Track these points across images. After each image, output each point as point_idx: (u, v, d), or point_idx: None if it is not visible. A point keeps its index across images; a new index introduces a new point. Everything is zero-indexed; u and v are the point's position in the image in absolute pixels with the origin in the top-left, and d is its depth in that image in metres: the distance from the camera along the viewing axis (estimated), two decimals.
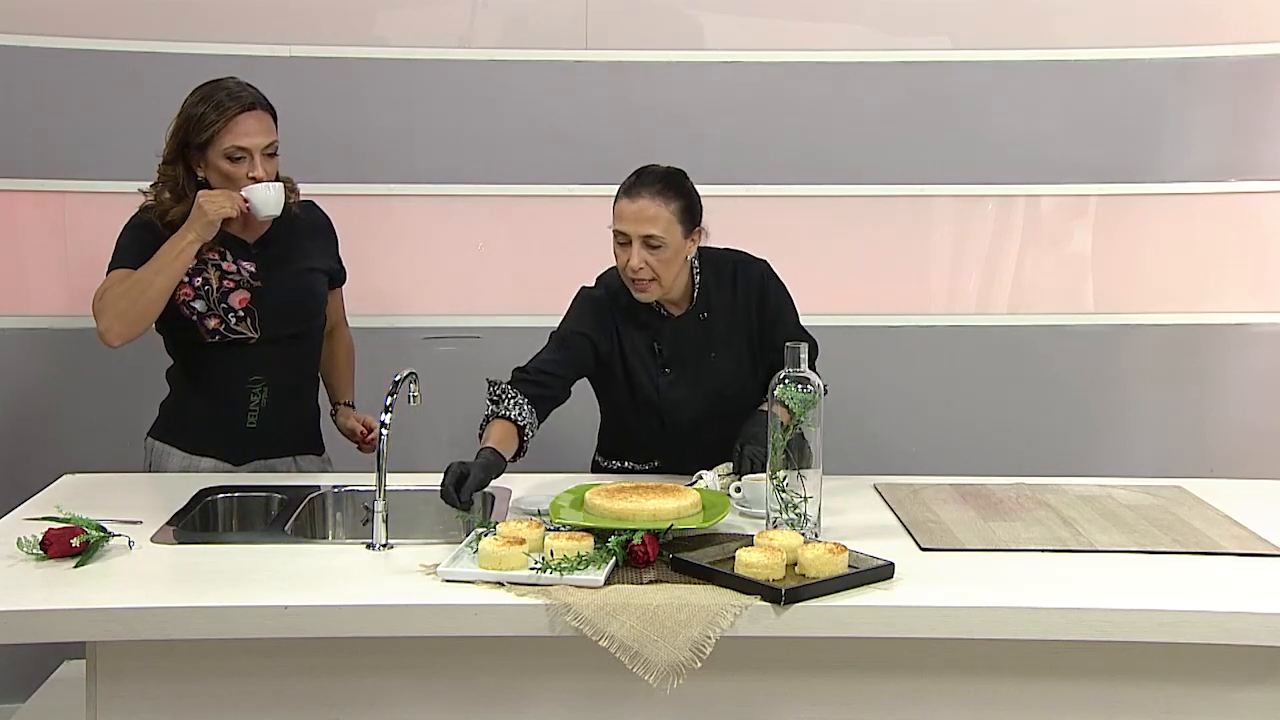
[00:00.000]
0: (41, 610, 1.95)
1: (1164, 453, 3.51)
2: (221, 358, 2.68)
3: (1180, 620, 1.97)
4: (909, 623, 1.98)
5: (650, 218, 2.53)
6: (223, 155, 2.58)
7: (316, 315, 2.79)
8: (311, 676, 2.04)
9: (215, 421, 2.73)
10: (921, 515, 2.43)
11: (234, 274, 2.66)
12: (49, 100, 3.29)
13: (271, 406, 2.72)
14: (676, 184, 2.59)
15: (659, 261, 2.54)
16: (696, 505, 2.26)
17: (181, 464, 2.75)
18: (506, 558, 2.03)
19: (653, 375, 2.68)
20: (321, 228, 2.83)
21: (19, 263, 3.34)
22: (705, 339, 2.67)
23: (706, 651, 1.90)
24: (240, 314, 2.65)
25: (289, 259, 2.72)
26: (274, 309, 2.68)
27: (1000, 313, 3.56)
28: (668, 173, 2.61)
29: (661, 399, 2.68)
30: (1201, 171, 3.50)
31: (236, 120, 2.57)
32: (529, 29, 3.42)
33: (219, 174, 2.61)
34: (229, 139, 2.57)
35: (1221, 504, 2.52)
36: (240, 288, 2.66)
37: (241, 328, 2.66)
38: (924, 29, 3.48)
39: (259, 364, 2.69)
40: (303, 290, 2.74)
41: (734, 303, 2.68)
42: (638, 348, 2.68)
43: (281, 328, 2.69)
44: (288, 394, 2.75)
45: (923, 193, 3.50)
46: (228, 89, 2.60)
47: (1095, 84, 3.49)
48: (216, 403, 2.72)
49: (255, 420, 2.71)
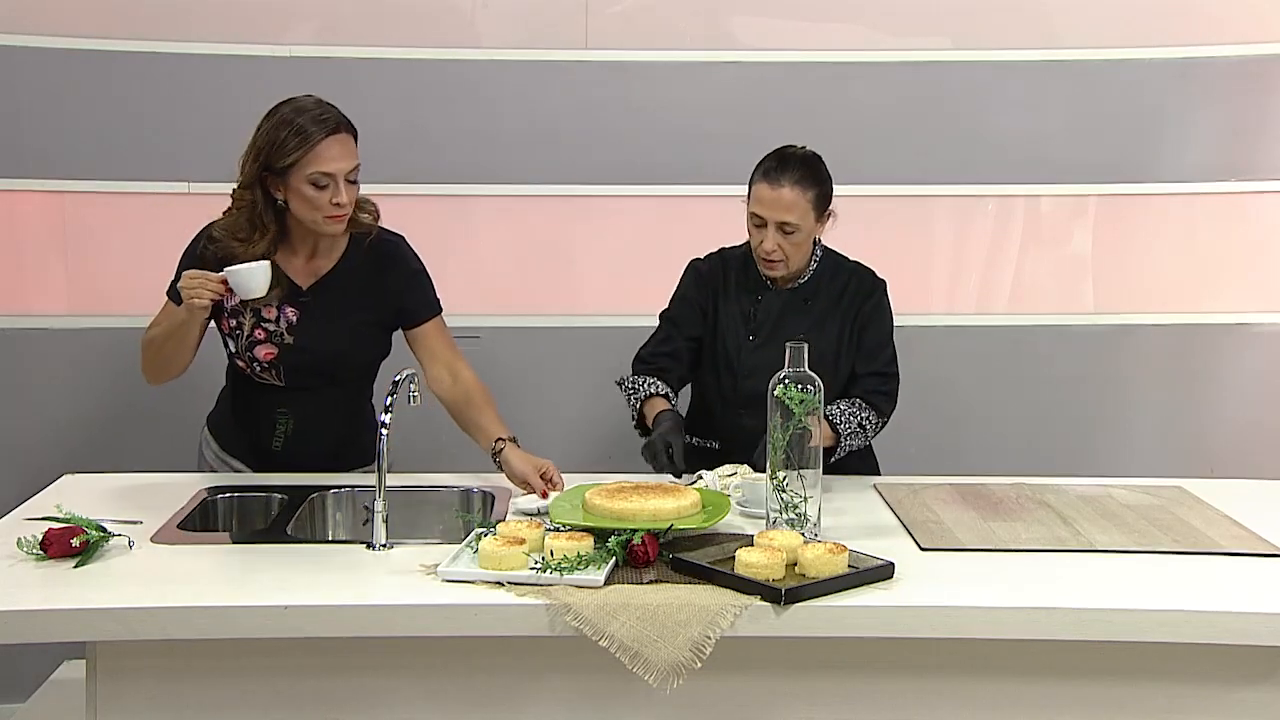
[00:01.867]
0: (41, 610, 1.95)
1: (1164, 452, 3.51)
2: (253, 385, 2.66)
3: (1180, 620, 1.97)
4: (909, 623, 1.98)
5: (789, 205, 2.61)
6: (306, 181, 2.46)
7: (349, 367, 2.68)
8: (311, 676, 2.04)
9: (244, 433, 2.74)
10: (921, 515, 2.43)
11: (271, 322, 2.58)
12: (50, 100, 3.29)
13: (295, 436, 2.70)
14: (815, 171, 2.67)
15: (791, 245, 2.64)
16: (696, 505, 2.26)
17: (213, 456, 2.78)
18: (506, 558, 2.03)
19: (739, 338, 2.75)
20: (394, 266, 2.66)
21: (19, 263, 3.34)
22: (800, 321, 2.73)
23: (706, 651, 1.90)
24: (265, 365, 2.62)
25: (336, 310, 2.61)
26: (299, 366, 2.61)
27: (1000, 312, 3.56)
28: (807, 159, 2.68)
29: (741, 362, 2.74)
30: (1201, 171, 3.50)
31: (322, 145, 2.45)
32: (529, 29, 3.42)
33: (301, 199, 2.49)
34: (313, 165, 2.45)
35: (1221, 504, 2.52)
36: (269, 341, 2.59)
37: (266, 376, 2.63)
38: (924, 29, 3.48)
39: (286, 400, 2.66)
40: (335, 347, 2.63)
41: (839, 299, 2.75)
42: (733, 312, 2.77)
43: (308, 380, 2.64)
44: (315, 426, 2.69)
45: (923, 193, 3.50)
46: (310, 111, 2.49)
47: (1095, 84, 3.49)
48: (248, 419, 2.71)
49: (280, 444, 2.70)
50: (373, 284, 2.64)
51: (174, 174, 2.75)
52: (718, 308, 2.78)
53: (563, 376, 3.50)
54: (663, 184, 3.40)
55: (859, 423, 2.67)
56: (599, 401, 3.47)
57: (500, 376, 3.47)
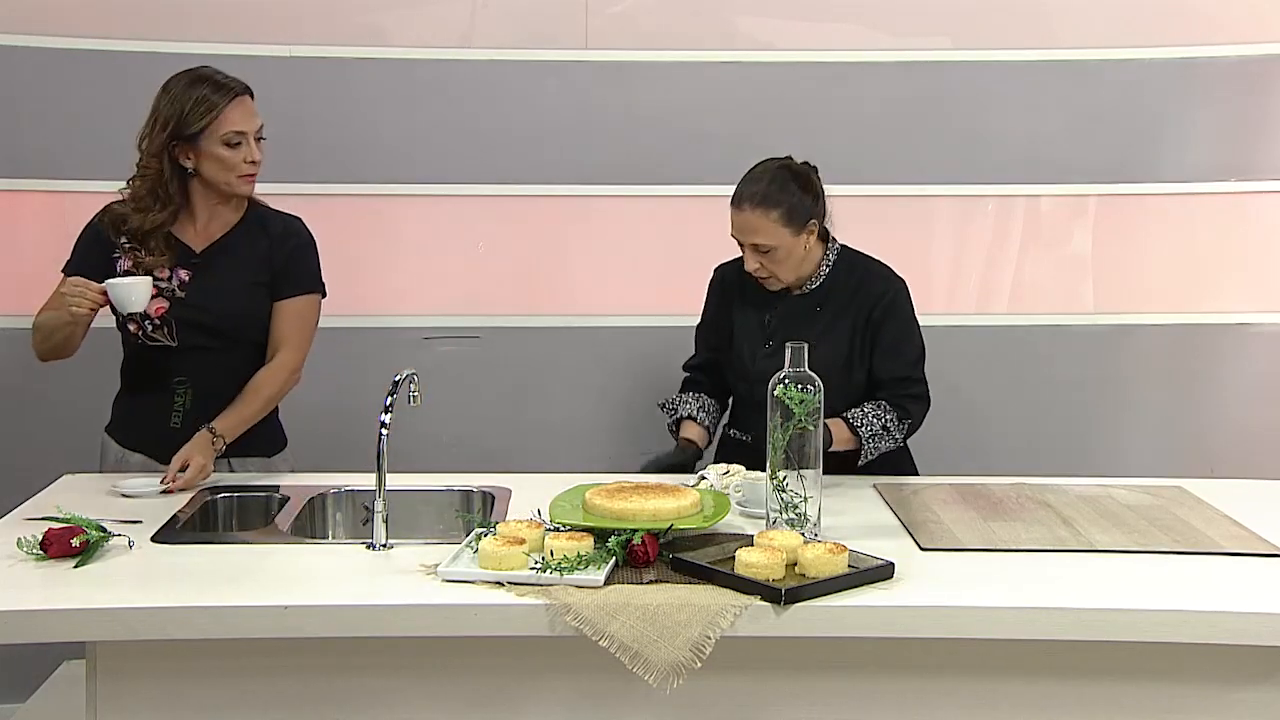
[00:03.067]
0: (41, 610, 1.95)
1: (1164, 452, 3.51)
2: (147, 357, 2.69)
3: (1180, 620, 1.97)
4: (909, 623, 1.98)
5: (754, 228, 2.62)
6: (220, 142, 2.59)
7: (242, 330, 2.71)
8: (311, 676, 2.04)
9: (143, 419, 2.73)
10: (921, 515, 2.43)
11: (163, 281, 2.64)
12: (50, 100, 3.29)
13: (195, 408, 2.69)
14: (779, 187, 2.63)
15: (772, 262, 2.65)
16: (696, 505, 2.25)
17: (115, 458, 2.76)
18: (506, 558, 2.03)
19: (755, 346, 2.76)
20: (281, 241, 2.74)
21: (19, 263, 3.34)
22: (811, 327, 2.71)
23: (706, 651, 1.90)
24: (156, 322, 2.65)
25: (228, 271, 2.68)
26: (191, 322, 2.66)
27: (1000, 312, 3.56)
28: (772, 175, 2.65)
29: (755, 369, 2.73)
30: (1201, 171, 3.50)
31: (231, 106, 2.59)
32: (529, 29, 3.42)
33: (215, 161, 2.61)
34: (226, 125, 2.59)
35: (1221, 504, 2.52)
36: (160, 296, 2.64)
37: (158, 335, 2.66)
38: (924, 29, 3.48)
39: (182, 367, 2.69)
40: (227, 306, 2.68)
41: (849, 305, 2.73)
42: (749, 319, 2.79)
43: (199, 339, 2.67)
44: (214, 397, 2.68)
45: (923, 193, 3.50)
46: (213, 78, 2.62)
47: (1095, 84, 3.49)
48: (144, 401, 2.73)
49: (179, 420, 2.69)
50: (265, 249, 2.72)
51: None
52: (733, 317, 2.81)
53: (562, 377, 3.50)
54: (662, 184, 3.41)
55: (882, 425, 2.66)
56: (599, 401, 3.47)
57: (500, 377, 3.48)
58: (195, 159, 2.62)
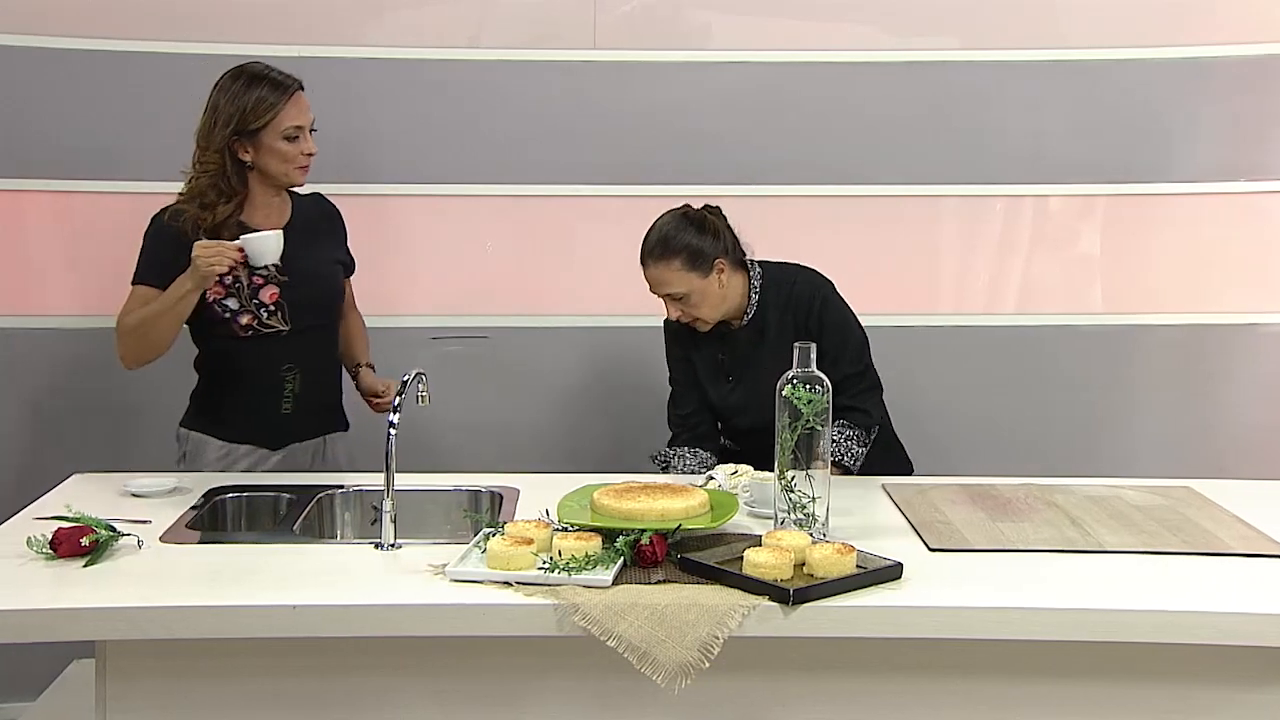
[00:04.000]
0: (51, 609, 1.96)
1: (1172, 453, 3.50)
2: (256, 350, 2.76)
3: (1190, 621, 1.97)
4: (917, 623, 1.98)
5: (661, 280, 2.71)
6: (280, 137, 2.69)
7: (337, 305, 2.90)
8: (319, 676, 2.05)
9: (253, 409, 2.80)
10: (930, 516, 2.42)
11: (262, 270, 2.73)
12: (56, 100, 3.30)
13: (304, 392, 2.81)
14: (670, 238, 2.70)
15: (690, 306, 2.73)
16: (705, 505, 2.25)
17: (219, 452, 2.80)
18: (514, 558, 2.03)
19: (718, 384, 2.84)
20: (332, 219, 2.93)
21: (28, 263, 3.35)
22: (762, 352, 2.77)
23: (714, 652, 1.90)
24: (271, 308, 2.74)
25: (309, 253, 2.79)
26: (301, 302, 2.77)
27: (1008, 313, 3.55)
28: (666, 228, 2.72)
29: (723, 405, 2.84)
30: (1210, 171, 3.49)
31: (290, 101, 2.70)
32: (537, 29, 3.42)
33: (275, 155, 2.70)
34: (287, 121, 2.69)
35: (1230, 504, 2.52)
36: (269, 283, 2.74)
37: (273, 321, 2.75)
38: (931, 29, 3.47)
39: (290, 353, 2.78)
40: (325, 281, 2.85)
41: (783, 319, 2.78)
42: (705, 358, 2.86)
43: (309, 318, 2.79)
44: (317, 378, 2.84)
45: (930, 193, 3.49)
46: (270, 76, 2.71)
47: (1103, 84, 3.48)
48: (253, 392, 2.79)
49: (290, 405, 2.80)
50: (328, 230, 2.90)
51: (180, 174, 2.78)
52: (692, 360, 2.87)
53: (571, 377, 3.50)
54: (670, 184, 3.40)
55: (850, 444, 2.71)
56: (606, 401, 3.47)
57: (508, 376, 3.48)
58: (254, 153, 2.71)
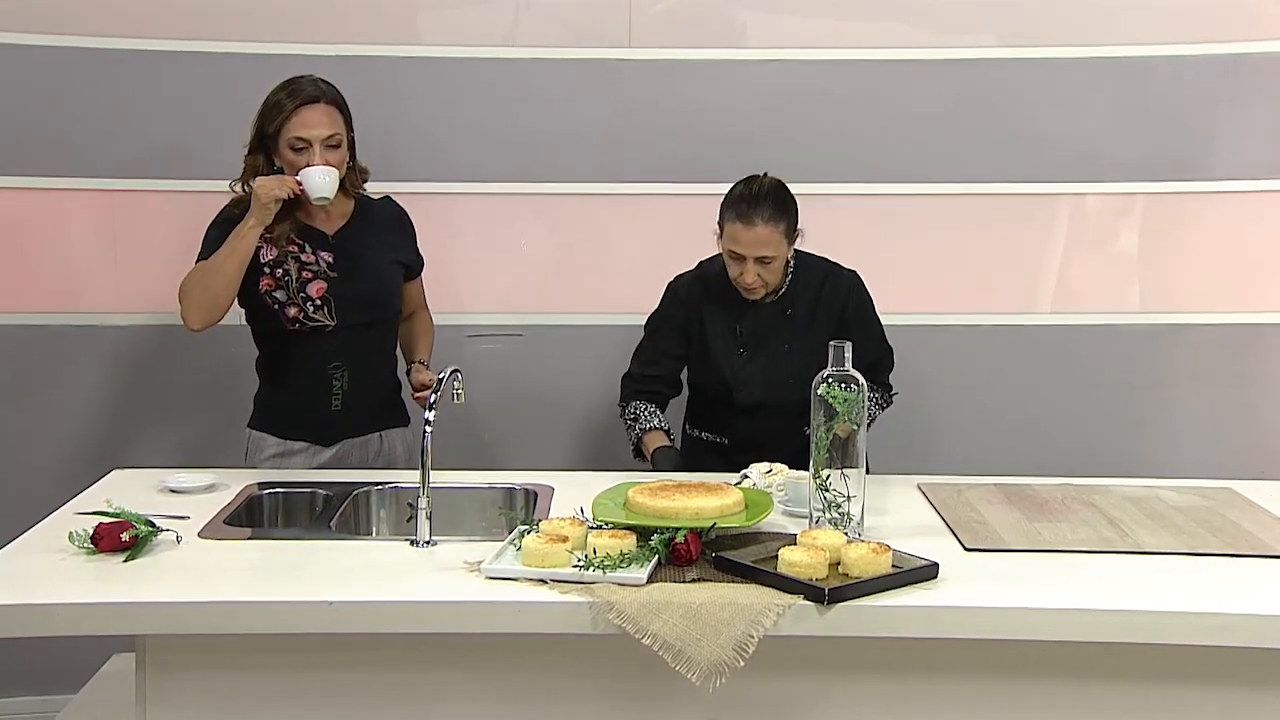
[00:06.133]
0: (91, 604, 1.98)
1: (1213, 454, 3.46)
2: (303, 346, 2.79)
3: (1230, 624, 1.95)
4: (953, 623, 1.97)
5: (764, 241, 2.72)
6: (287, 146, 2.71)
7: (390, 304, 2.89)
8: (355, 672, 2.06)
9: (303, 406, 2.83)
10: (966, 515, 2.41)
11: (313, 264, 2.77)
12: (100, 100, 3.32)
13: (353, 388, 2.82)
14: (784, 202, 2.76)
15: (769, 272, 2.77)
16: (740, 504, 2.25)
17: (276, 449, 2.84)
18: (549, 555, 2.04)
19: (730, 354, 2.85)
20: (398, 221, 2.94)
21: (71, 261, 3.38)
22: (784, 330, 2.83)
23: (749, 651, 1.90)
24: (318, 303, 2.77)
25: (365, 251, 2.83)
26: (349, 298, 2.78)
27: (1045, 312, 3.53)
28: (775, 192, 2.76)
29: (733, 376, 2.85)
30: (1251, 169, 3.45)
31: (299, 112, 2.70)
32: (572, 28, 3.42)
33: (285, 164, 2.74)
34: (292, 130, 2.70)
35: (1273, 506, 2.49)
36: (318, 278, 2.77)
37: (319, 315, 2.77)
38: (970, 27, 3.45)
39: (338, 350, 2.80)
40: (376, 281, 2.85)
41: (817, 306, 2.84)
42: (719, 328, 2.87)
43: (356, 316, 2.80)
44: (367, 375, 2.85)
45: (967, 191, 3.47)
46: (293, 83, 2.74)
47: (1143, 81, 3.45)
48: (302, 388, 2.82)
49: (339, 403, 2.82)
50: (391, 235, 2.91)
51: (221, 173, 2.81)
52: (703, 322, 2.89)
53: (606, 375, 3.49)
54: (706, 182, 3.39)
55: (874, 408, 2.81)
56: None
57: (542, 374, 3.49)
58: (279, 159, 2.75)
